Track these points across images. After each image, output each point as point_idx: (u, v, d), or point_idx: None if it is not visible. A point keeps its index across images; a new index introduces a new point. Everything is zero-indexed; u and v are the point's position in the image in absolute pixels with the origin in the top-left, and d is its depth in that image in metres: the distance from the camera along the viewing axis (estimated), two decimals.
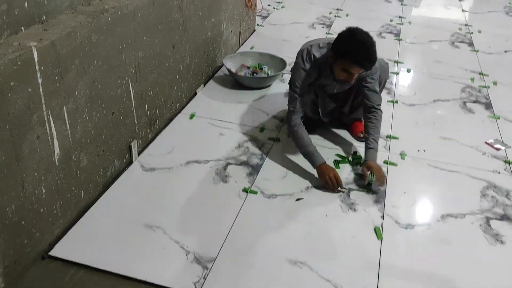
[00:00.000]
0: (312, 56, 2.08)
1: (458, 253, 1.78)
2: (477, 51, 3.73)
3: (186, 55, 2.54)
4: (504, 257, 1.77)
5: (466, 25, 4.29)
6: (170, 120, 2.50)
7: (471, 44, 3.86)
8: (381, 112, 2.20)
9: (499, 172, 2.25)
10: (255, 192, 2.01)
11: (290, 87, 2.16)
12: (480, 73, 3.31)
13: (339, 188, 2.02)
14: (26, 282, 1.55)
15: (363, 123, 2.43)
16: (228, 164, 2.18)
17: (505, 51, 3.75)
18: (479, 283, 1.66)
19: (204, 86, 2.88)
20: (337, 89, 2.26)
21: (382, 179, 2.04)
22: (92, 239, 1.73)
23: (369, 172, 2.06)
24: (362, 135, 2.41)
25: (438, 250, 1.79)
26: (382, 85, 2.32)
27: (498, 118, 2.72)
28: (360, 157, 2.27)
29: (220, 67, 3.10)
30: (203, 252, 1.70)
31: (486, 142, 2.47)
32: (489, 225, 1.92)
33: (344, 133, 2.47)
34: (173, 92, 2.48)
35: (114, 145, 1.99)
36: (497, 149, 2.43)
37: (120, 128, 2.01)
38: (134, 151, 2.15)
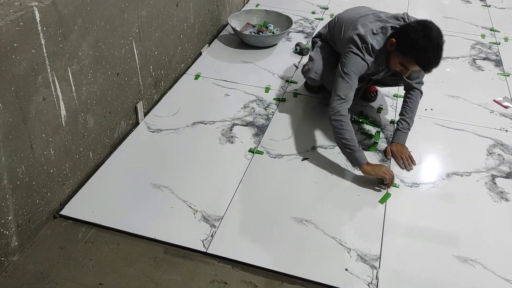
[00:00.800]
0: (370, 46, 1.86)
1: (462, 211, 1.80)
2: (489, 6, 3.62)
3: (190, 13, 2.49)
4: (508, 214, 1.79)
5: None
6: (175, 81, 2.49)
7: None
8: (421, 93, 2.09)
9: (506, 130, 2.24)
10: (261, 153, 2.03)
11: (342, 74, 1.89)
12: (491, 29, 3.22)
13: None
14: (39, 240, 1.60)
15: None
16: (234, 124, 2.19)
17: None
18: (483, 240, 1.68)
19: (209, 45, 2.85)
20: (382, 75, 2.09)
21: (405, 166, 1.98)
22: (101, 198, 1.77)
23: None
24: (371, 96, 2.38)
25: (442, 208, 1.81)
26: None
27: (508, 75, 2.67)
28: (365, 116, 2.26)
29: (225, 26, 3.05)
30: (211, 211, 1.73)
31: (494, 100, 2.44)
32: (495, 183, 1.93)
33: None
34: (178, 52, 2.45)
35: (120, 106, 1.99)
36: (506, 107, 2.40)
37: (125, 89, 2.01)
38: (140, 112, 2.15)
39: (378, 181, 1.88)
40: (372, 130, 2.20)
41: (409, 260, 1.59)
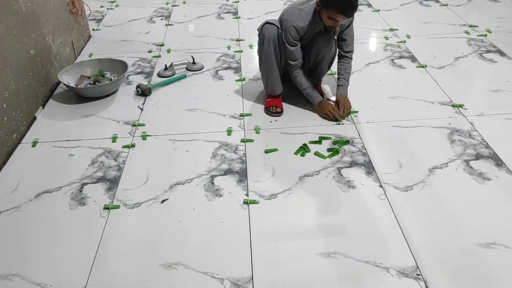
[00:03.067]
0: (297, 28, 2.30)
1: (321, 209, 1.90)
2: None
3: (9, 79, 2.30)
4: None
5: None
6: (10, 154, 2.27)
7: None
8: (351, 59, 2.58)
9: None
10: (117, 207, 1.93)
11: (284, 44, 2.37)
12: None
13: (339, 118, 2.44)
14: None
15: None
16: (83, 184, 2.06)
17: None
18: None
19: (43, 107, 2.66)
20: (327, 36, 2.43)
21: (346, 111, 2.47)
22: None
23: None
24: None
25: (302, 211, 1.90)
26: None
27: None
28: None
29: (58, 83, 2.88)
30: (70, 285, 1.59)
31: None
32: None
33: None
34: (4, 123, 2.24)
35: None
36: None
37: None
38: None
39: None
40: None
41: (279, 271, 1.63)
